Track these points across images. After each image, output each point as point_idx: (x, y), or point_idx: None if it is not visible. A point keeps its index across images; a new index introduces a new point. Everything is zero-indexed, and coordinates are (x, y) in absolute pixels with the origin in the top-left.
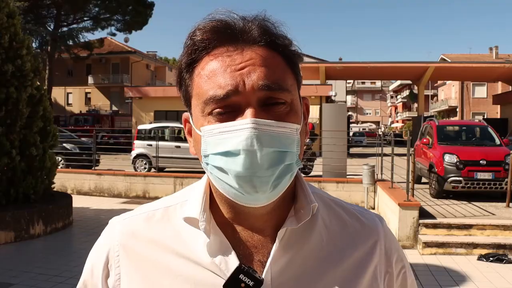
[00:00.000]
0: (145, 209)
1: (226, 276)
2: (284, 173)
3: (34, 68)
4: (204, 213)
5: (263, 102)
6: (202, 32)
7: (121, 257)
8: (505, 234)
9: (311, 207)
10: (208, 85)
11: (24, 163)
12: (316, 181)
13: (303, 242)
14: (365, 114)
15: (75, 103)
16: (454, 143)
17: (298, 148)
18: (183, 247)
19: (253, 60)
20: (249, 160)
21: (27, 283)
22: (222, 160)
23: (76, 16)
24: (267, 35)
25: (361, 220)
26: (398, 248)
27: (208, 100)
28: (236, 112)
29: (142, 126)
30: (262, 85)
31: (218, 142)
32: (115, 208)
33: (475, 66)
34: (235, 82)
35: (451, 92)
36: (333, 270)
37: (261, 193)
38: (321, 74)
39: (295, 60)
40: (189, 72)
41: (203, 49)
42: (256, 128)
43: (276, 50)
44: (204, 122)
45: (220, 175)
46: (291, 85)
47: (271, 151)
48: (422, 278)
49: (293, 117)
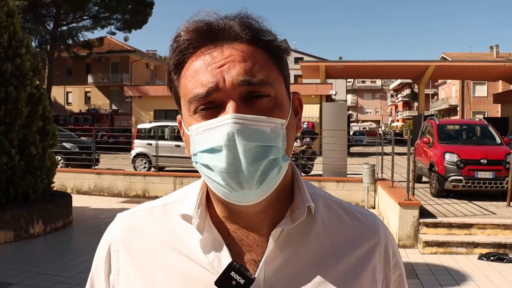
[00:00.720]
0: (146, 206)
1: (218, 273)
2: (269, 168)
3: (33, 67)
4: (197, 209)
5: (245, 97)
6: (185, 33)
7: (121, 252)
8: (506, 233)
9: (307, 207)
10: (192, 84)
11: (24, 162)
12: (316, 180)
13: (300, 242)
14: (365, 113)
15: (75, 102)
16: (454, 142)
17: (284, 143)
18: (179, 243)
19: (233, 57)
20: (231, 155)
21: (26, 283)
22: (208, 157)
23: (75, 15)
24: (248, 31)
25: (361, 221)
26: (397, 253)
27: (192, 99)
28: (219, 108)
29: (141, 125)
30: (242, 81)
31: (204, 140)
32: (114, 207)
33: (476, 65)
34: (216, 79)
35: (452, 91)
36: (330, 271)
37: (247, 189)
38: (321, 73)
39: (280, 54)
40: (177, 73)
41: (186, 50)
42: (237, 122)
43: (258, 45)
44: (192, 121)
45: (207, 173)
46: (274, 79)
47: (254, 145)
48: (422, 278)
49: (277, 112)
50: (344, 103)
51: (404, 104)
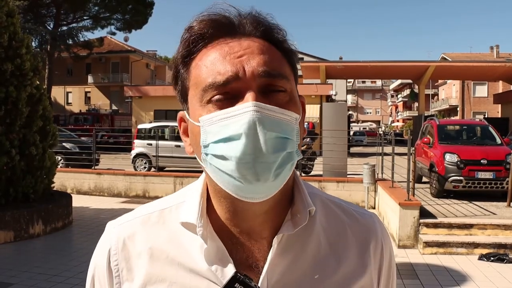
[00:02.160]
0: (141, 213)
1: (221, 283)
2: (286, 161)
3: (33, 67)
4: (201, 218)
5: (263, 89)
6: (199, 23)
7: (120, 266)
8: (506, 233)
9: (308, 211)
10: (207, 73)
11: (24, 162)
12: (317, 180)
13: (301, 247)
14: (365, 113)
15: (75, 102)
16: (454, 142)
17: (298, 138)
18: (178, 252)
19: (252, 49)
20: (251, 144)
21: (26, 283)
22: (223, 147)
23: (75, 15)
24: (262, 27)
25: (359, 220)
26: (392, 253)
27: (208, 87)
28: (236, 99)
29: (142, 125)
30: (263, 71)
31: (219, 130)
32: (115, 207)
33: (476, 65)
34: (236, 68)
35: (452, 91)
36: (331, 275)
37: (263, 181)
38: (322, 73)
39: (291, 54)
40: (186, 65)
41: (200, 40)
42: (258, 111)
43: (271, 42)
44: (203, 112)
45: (220, 165)
46: (289, 74)
47: (274, 136)
48: (422, 278)
49: (292, 106)
50: (344, 103)
51: (404, 104)
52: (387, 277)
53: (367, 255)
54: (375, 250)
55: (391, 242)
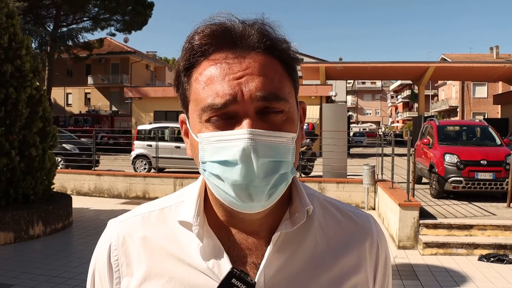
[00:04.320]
0: (141, 211)
1: (219, 279)
2: (279, 182)
3: (33, 68)
4: (197, 217)
5: (260, 111)
6: (200, 36)
7: (120, 261)
8: (506, 234)
9: (306, 210)
10: (206, 92)
11: (24, 163)
12: (317, 181)
13: (298, 244)
14: (365, 114)
15: (75, 104)
16: (454, 143)
17: (293, 157)
18: (177, 249)
19: (251, 69)
20: (245, 170)
21: (26, 284)
22: (219, 169)
23: (75, 16)
24: (266, 40)
25: (356, 221)
26: (387, 253)
27: (206, 108)
28: (233, 120)
29: (141, 126)
30: (260, 96)
31: (216, 151)
32: (115, 208)
33: (476, 66)
34: (233, 91)
35: (452, 92)
36: (327, 272)
37: (257, 202)
38: (321, 74)
39: (293, 65)
40: (187, 76)
41: (201, 54)
42: (253, 138)
43: (274, 55)
44: (202, 128)
45: (217, 182)
46: (288, 93)
47: (267, 161)
48: (422, 279)
49: (289, 126)
50: (344, 104)
51: (404, 105)
52: (382, 276)
53: (363, 254)
54: (371, 250)
55: (386, 242)
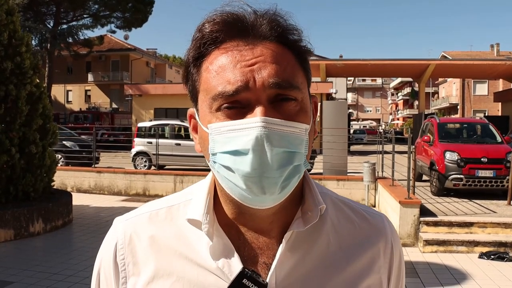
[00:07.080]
0: (148, 209)
1: (229, 279)
2: (292, 174)
3: (33, 65)
4: (207, 215)
5: (273, 99)
6: (211, 24)
7: (127, 260)
8: (506, 232)
9: (319, 209)
10: (217, 80)
11: (24, 161)
12: (317, 178)
13: (310, 244)
14: (365, 112)
15: (75, 101)
16: (455, 140)
17: (307, 149)
18: (186, 248)
19: (264, 57)
20: (258, 160)
21: (26, 281)
22: (230, 159)
23: (75, 13)
24: (278, 30)
25: (369, 221)
26: (401, 254)
27: (217, 96)
28: (245, 108)
29: (142, 123)
30: (273, 83)
31: (227, 141)
32: (115, 206)
33: (476, 64)
34: (245, 78)
35: (452, 89)
36: (339, 273)
37: (269, 195)
38: (322, 72)
39: (305, 56)
40: (197, 66)
41: (212, 42)
42: (266, 127)
43: (286, 45)
44: (212, 119)
45: (227, 175)
46: (301, 83)
47: (281, 151)
48: (423, 276)
49: (302, 116)
50: (344, 101)
51: (404, 102)
52: (396, 278)
53: (376, 255)
54: (385, 250)
55: (400, 243)
